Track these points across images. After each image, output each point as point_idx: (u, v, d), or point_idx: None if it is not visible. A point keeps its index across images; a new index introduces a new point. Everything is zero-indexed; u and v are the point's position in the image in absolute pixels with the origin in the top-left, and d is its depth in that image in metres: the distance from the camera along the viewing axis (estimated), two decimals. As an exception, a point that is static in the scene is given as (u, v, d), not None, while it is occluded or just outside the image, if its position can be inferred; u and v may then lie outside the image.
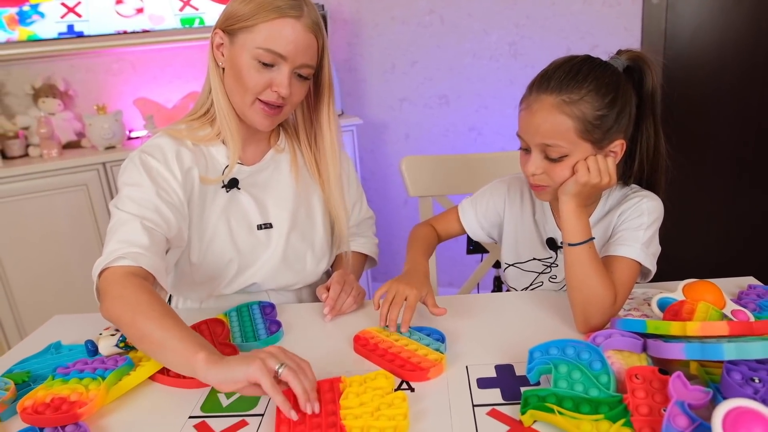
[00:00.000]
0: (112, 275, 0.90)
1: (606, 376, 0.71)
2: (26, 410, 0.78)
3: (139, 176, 0.99)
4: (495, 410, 0.74)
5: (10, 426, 0.79)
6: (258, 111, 1.01)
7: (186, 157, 1.03)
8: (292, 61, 0.97)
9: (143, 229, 0.93)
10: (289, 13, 0.95)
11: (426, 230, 1.21)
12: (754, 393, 0.61)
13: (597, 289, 0.90)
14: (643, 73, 0.96)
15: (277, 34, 0.95)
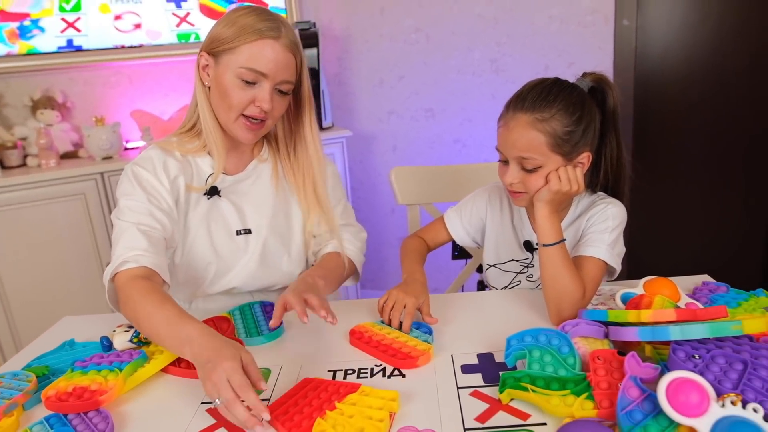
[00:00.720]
0: (120, 281, 1.00)
1: (573, 358, 0.81)
2: (50, 399, 0.85)
3: (131, 187, 1.09)
4: (477, 391, 0.83)
5: (33, 414, 0.87)
6: (242, 126, 1.09)
7: (172, 166, 1.13)
8: (272, 78, 1.05)
9: (140, 233, 1.03)
10: (269, 34, 1.03)
11: (416, 242, 1.30)
12: (694, 367, 0.71)
13: (568, 285, 1.00)
14: (605, 93, 1.08)
15: (258, 54, 1.03)
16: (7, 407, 0.84)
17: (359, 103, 2.78)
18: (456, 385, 0.85)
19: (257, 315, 1.11)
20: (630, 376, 0.71)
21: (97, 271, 2.19)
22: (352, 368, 0.93)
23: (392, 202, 2.86)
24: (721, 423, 0.62)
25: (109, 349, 1.00)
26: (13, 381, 0.91)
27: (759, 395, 0.67)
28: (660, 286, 0.99)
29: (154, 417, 0.84)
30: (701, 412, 0.63)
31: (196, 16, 2.53)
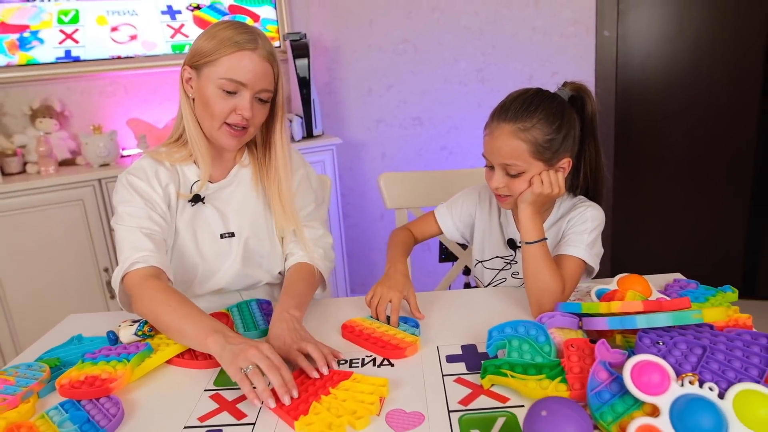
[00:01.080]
0: (132, 280, 1.07)
1: (549, 346, 0.88)
2: (64, 386, 0.92)
3: (129, 195, 1.15)
4: (460, 378, 0.90)
5: (48, 401, 0.93)
6: (225, 133, 1.14)
7: (163, 175, 1.19)
8: (252, 87, 1.10)
9: (144, 235, 1.11)
10: (246, 46, 1.08)
11: (403, 234, 1.37)
12: (658, 352, 0.78)
13: (549, 281, 1.08)
14: (584, 101, 1.16)
15: (237, 65, 1.08)
16: (24, 394, 0.90)
17: (349, 111, 2.85)
18: (441, 373, 0.92)
19: (254, 311, 1.18)
20: (599, 360, 0.78)
21: (95, 275, 2.24)
22: (345, 359, 0.99)
23: (381, 208, 2.93)
24: (679, 400, 0.69)
25: (116, 342, 1.06)
26: (28, 371, 0.97)
27: (715, 376, 0.74)
28: (633, 282, 1.06)
29: (161, 403, 0.90)
30: (662, 391, 0.70)
31: (190, 28, 2.60)
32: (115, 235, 1.14)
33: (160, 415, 0.87)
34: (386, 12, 2.67)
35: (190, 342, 0.98)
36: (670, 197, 2.79)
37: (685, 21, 2.56)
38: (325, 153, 2.55)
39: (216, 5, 2.62)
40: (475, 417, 0.80)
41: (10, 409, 0.87)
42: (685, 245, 2.82)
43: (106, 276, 2.26)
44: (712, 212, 2.76)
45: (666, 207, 2.81)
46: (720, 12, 2.51)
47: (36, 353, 1.10)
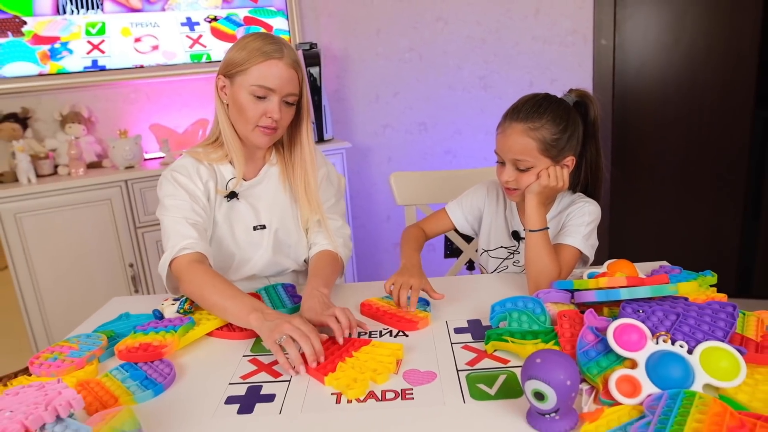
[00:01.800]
0: (179, 265, 1.20)
1: (544, 316, 1.01)
2: (122, 352, 1.05)
3: (174, 189, 1.29)
4: (467, 345, 1.03)
5: (107, 365, 1.06)
6: (258, 133, 1.27)
7: (203, 172, 1.33)
8: (279, 92, 1.23)
9: (189, 225, 1.24)
10: (274, 55, 1.21)
11: (415, 231, 1.50)
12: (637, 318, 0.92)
13: (547, 265, 1.21)
14: (588, 107, 1.30)
15: (266, 73, 1.22)
16: (89, 357, 1.03)
17: (357, 117, 2.98)
18: (450, 341, 1.05)
19: (280, 293, 1.31)
20: (588, 326, 0.91)
21: (121, 269, 2.39)
22: (364, 331, 1.12)
23: (388, 210, 3.07)
24: (654, 355, 0.82)
25: (161, 318, 1.19)
26: (88, 339, 1.10)
27: (686, 336, 0.87)
28: (621, 266, 1.18)
29: (207, 365, 1.04)
30: (640, 348, 0.83)
31: (208, 39, 2.74)
32: (161, 225, 1.28)
33: (207, 375, 1.00)
34: (393, 22, 2.81)
35: (233, 318, 1.12)
36: (665, 200, 2.92)
37: (680, 30, 2.69)
38: (335, 156, 2.68)
39: (232, 17, 2.77)
40: (480, 375, 0.92)
41: (78, 370, 1.01)
42: (680, 247, 2.94)
43: (131, 270, 2.40)
44: (706, 215, 2.88)
45: (661, 210, 2.93)
46: (714, 21, 2.65)
47: (88, 329, 1.23)
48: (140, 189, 2.37)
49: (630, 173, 2.90)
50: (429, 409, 0.84)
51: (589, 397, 0.82)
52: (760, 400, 0.75)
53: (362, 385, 0.90)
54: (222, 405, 0.90)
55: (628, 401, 0.77)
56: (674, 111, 2.79)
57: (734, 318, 0.88)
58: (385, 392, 0.90)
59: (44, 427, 0.78)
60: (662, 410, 0.72)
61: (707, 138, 2.78)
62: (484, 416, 0.82)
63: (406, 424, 0.81)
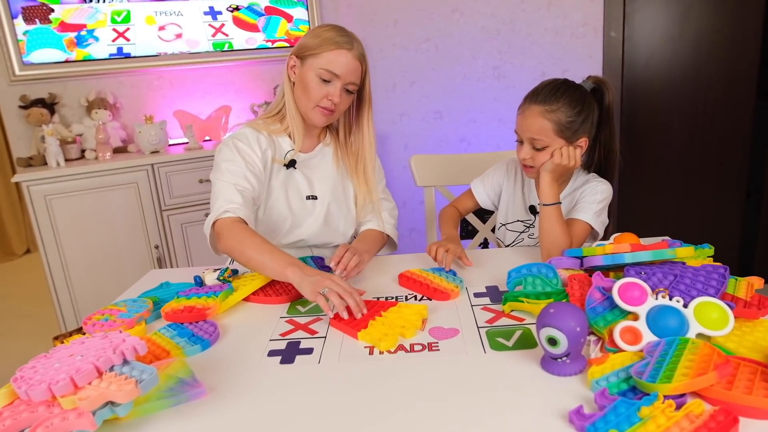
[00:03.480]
0: (223, 224, 1.29)
1: (556, 279, 1.11)
2: (168, 313, 1.15)
3: (232, 154, 1.39)
4: (486, 307, 1.13)
5: (154, 326, 1.16)
6: (317, 112, 1.40)
7: (263, 141, 1.44)
8: (343, 79, 1.36)
9: (237, 191, 1.33)
10: (345, 46, 1.35)
11: (450, 210, 1.62)
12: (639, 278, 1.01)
13: (559, 237, 1.31)
14: (603, 93, 1.40)
15: (335, 60, 1.34)
16: (138, 318, 1.13)
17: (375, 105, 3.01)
18: (470, 304, 1.15)
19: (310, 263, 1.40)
20: (595, 285, 1.00)
21: (146, 250, 2.50)
22: (393, 296, 1.22)
23: (405, 196, 3.15)
24: (653, 309, 0.91)
25: (202, 285, 1.29)
26: (135, 304, 1.20)
27: (682, 293, 0.96)
28: (626, 238, 1.27)
29: (248, 326, 1.14)
30: (641, 303, 0.92)
31: (230, 28, 2.83)
32: (212, 187, 1.37)
33: (249, 334, 1.10)
34: (410, 13, 2.89)
35: (270, 272, 1.21)
36: (670, 187, 2.99)
37: (685, 23, 2.76)
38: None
39: (253, 6, 2.86)
40: (499, 330, 1.02)
41: (129, 329, 1.11)
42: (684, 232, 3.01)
43: (156, 252, 2.50)
44: (709, 201, 2.96)
45: (667, 196, 3.01)
46: (718, 15, 2.72)
47: (132, 296, 1.33)
48: (165, 173, 2.47)
49: (637, 160, 2.98)
50: (454, 358, 0.94)
51: (596, 346, 0.91)
52: (747, 347, 0.85)
53: (392, 338, 1.00)
54: (265, 357, 1.00)
55: (631, 348, 0.87)
56: (680, 101, 2.87)
57: (725, 278, 0.97)
58: (413, 345, 1.00)
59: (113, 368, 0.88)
60: (660, 353, 0.81)
61: (711, 127, 2.86)
62: (502, 363, 0.91)
63: (433, 371, 0.91)
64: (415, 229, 3.18)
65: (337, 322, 1.08)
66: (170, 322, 1.14)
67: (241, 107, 2.89)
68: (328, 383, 0.90)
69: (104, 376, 0.86)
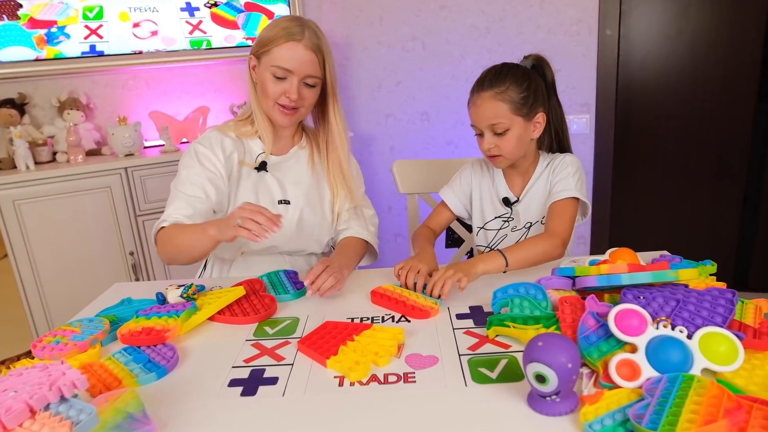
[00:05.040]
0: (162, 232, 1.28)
1: (545, 302, 1.01)
2: (125, 335, 1.06)
3: (191, 161, 1.34)
4: (469, 331, 1.04)
5: (110, 349, 1.06)
6: (278, 112, 1.33)
7: (228, 144, 1.37)
8: (298, 74, 1.28)
9: (188, 203, 1.29)
10: (294, 37, 1.26)
11: (424, 230, 1.51)
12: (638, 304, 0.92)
13: (543, 256, 1.25)
14: (544, 68, 1.38)
15: (285, 54, 1.27)
16: (92, 341, 1.03)
17: (359, 106, 2.97)
18: (452, 327, 1.06)
19: (282, 278, 1.32)
20: (589, 311, 0.91)
21: (121, 257, 2.39)
22: (368, 316, 1.13)
23: (389, 200, 3.06)
24: (654, 339, 0.82)
25: (164, 302, 1.20)
26: (91, 324, 1.10)
27: (686, 322, 0.87)
28: (623, 254, 1.19)
29: (209, 350, 1.04)
30: (640, 332, 0.83)
31: (208, 25, 2.72)
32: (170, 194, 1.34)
33: (210, 358, 1.00)
34: (396, 10, 2.80)
35: (198, 244, 1.20)
36: (666, 191, 2.92)
37: (683, 22, 2.68)
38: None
39: (232, 2, 2.74)
40: (482, 359, 0.93)
41: (81, 353, 1.01)
42: (679, 237, 2.95)
43: (131, 259, 2.40)
44: (706, 206, 2.88)
45: (662, 200, 2.93)
46: (717, 14, 2.64)
47: (90, 314, 1.23)
48: (140, 177, 2.36)
49: (632, 163, 2.90)
50: (431, 392, 0.85)
51: (590, 380, 0.82)
52: (757, 384, 0.76)
53: (364, 367, 0.90)
54: (225, 387, 0.90)
55: (628, 384, 0.78)
56: (677, 102, 2.79)
57: (733, 304, 0.88)
58: (388, 375, 0.90)
59: (48, 407, 0.78)
60: (661, 393, 0.72)
61: (709, 130, 2.78)
62: (485, 399, 0.82)
63: (408, 406, 0.82)
64: (401, 234, 3.09)
65: (305, 348, 0.99)
66: (127, 345, 1.05)
67: (219, 108, 2.78)
68: (292, 419, 0.81)
69: (38, 416, 0.77)
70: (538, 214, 1.43)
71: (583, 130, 2.85)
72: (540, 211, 1.43)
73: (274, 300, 1.20)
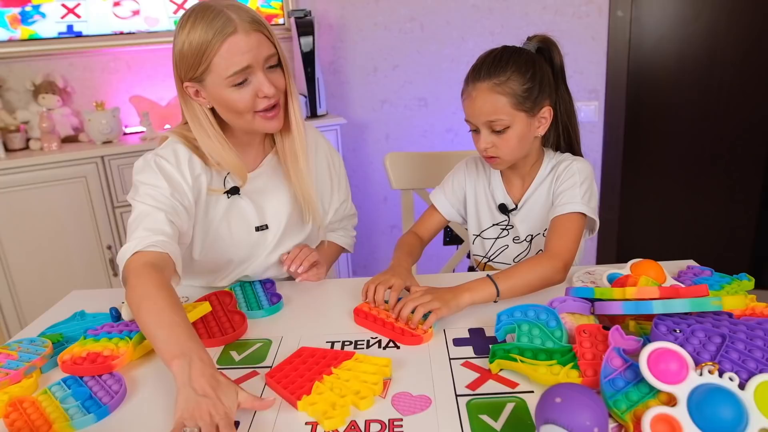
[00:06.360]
0: (134, 264, 0.95)
1: (559, 331, 0.86)
2: (66, 363, 0.90)
3: (155, 178, 1.07)
4: (468, 362, 0.88)
5: (50, 377, 0.92)
6: (260, 120, 1.08)
7: (197, 164, 1.12)
8: (257, 63, 1.02)
9: (167, 220, 1.02)
10: (226, 33, 0.99)
11: (408, 237, 1.33)
12: (675, 340, 0.76)
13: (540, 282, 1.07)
14: (551, 51, 1.18)
15: (230, 56, 1.00)
16: (27, 369, 0.89)
17: (353, 91, 2.80)
18: (448, 356, 0.90)
19: (257, 290, 1.16)
20: (614, 347, 0.76)
21: (98, 251, 2.23)
22: (349, 340, 0.97)
23: (385, 190, 2.90)
24: (698, 390, 0.66)
25: (118, 319, 1.05)
26: (31, 346, 0.96)
27: (735, 366, 0.72)
28: (646, 267, 1.03)
29: (163, 380, 0.88)
30: (680, 380, 0.68)
31: (193, 3, 2.54)
32: (133, 211, 1.05)
33: (163, 393, 0.85)
34: (393, -11, 2.61)
35: (158, 352, 0.83)
36: (679, 183, 2.76)
37: (700, 4, 2.50)
38: (329, 133, 2.52)
39: (221, -20, 2.57)
40: (484, 402, 0.78)
41: (13, 384, 0.86)
42: (694, 232, 2.79)
43: (109, 253, 2.24)
44: (721, 199, 2.72)
45: (675, 192, 2.77)
46: (737, -6, 2.46)
47: (39, 328, 1.09)
48: (118, 166, 2.20)
49: (642, 156, 2.73)
50: (421, 449, 0.70)
51: (618, 440, 0.67)
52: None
53: (342, 412, 0.75)
54: (176, 433, 0.75)
55: (668, 451, 0.62)
56: (692, 89, 2.62)
57: (795, 343, 0.73)
58: (370, 423, 0.75)
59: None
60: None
61: (725, 118, 2.61)
62: (488, 461, 0.67)
63: (392, 468, 0.67)
64: (396, 225, 2.94)
65: (274, 383, 0.84)
66: (67, 375, 0.90)
67: (206, 92, 2.61)
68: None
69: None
70: (540, 226, 1.26)
71: (591, 118, 2.69)
72: (542, 222, 1.25)
73: (245, 318, 1.04)
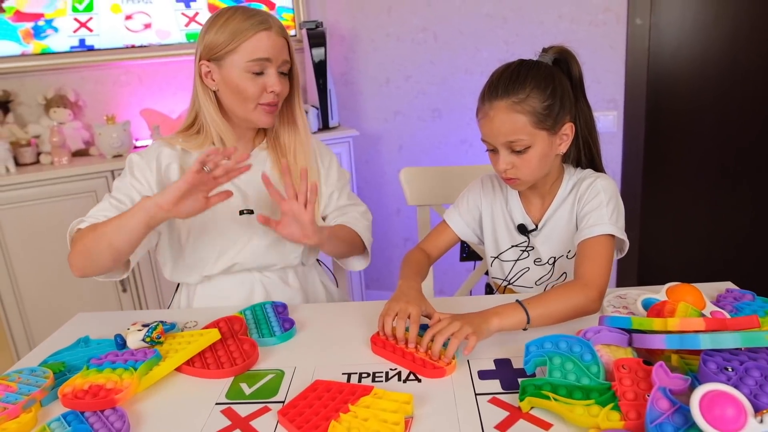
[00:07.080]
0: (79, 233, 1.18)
1: (596, 366, 0.79)
2: (67, 396, 0.85)
3: (124, 171, 1.24)
4: (495, 398, 0.82)
5: (50, 410, 0.87)
6: (261, 112, 1.20)
7: (166, 155, 1.24)
8: (275, 61, 1.17)
9: (111, 206, 1.18)
10: (261, 27, 1.15)
11: (416, 254, 1.26)
12: (727, 380, 0.69)
13: (574, 312, 1.00)
14: (569, 63, 1.12)
15: (258, 46, 1.15)
16: (26, 403, 0.84)
17: (365, 102, 2.76)
18: (474, 391, 0.84)
19: (269, 315, 1.11)
20: (659, 387, 0.69)
21: (107, 270, 2.20)
22: (367, 371, 0.91)
23: (398, 202, 2.85)
24: (755, 438, 0.60)
25: (123, 347, 0.99)
26: (31, 377, 0.91)
27: (794, 409, 0.65)
28: (684, 292, 0.96)
29: (170, 416, 0.83)
30: (738, 428, 0.61)
31: (205, 16, 2.52)
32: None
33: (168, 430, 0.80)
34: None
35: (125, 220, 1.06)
36: (704, 195, 2.67)
37: (721, 9, 2.43)
38: (341, 145, 2.49)
39: (230, -7, 2.55)
40: (516, 446, 0.71)
41: (11, 420, 0.81)
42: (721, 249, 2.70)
43: (118, 270, 2.21)
44: (750, 212, 2.63)
45: (699, 205, 2.69)
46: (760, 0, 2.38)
47: (42, 355, 1.04)
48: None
49: (663, 165, 2.66)
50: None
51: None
52: None
53: (361, 457, 0.69)
54: (182, 477, 0.70)
55: None
56: (713, 96, 2.54)
57: None
58: (392, 469, 0.69)
59: None
60: None
61: (748, 127, 2.53)
62: None
63: None
64: (410, 238, 2.88)
65: (287, 422, 0.78)
66: (68, 410, 0.84)
67: (217, 105, 2.58)
68: None
69: None
70: (563, 248, 1.19)
71: (610, 128, 2.61)
72: (565, 243, 1.18)
73: (255, 346, 0.98)
